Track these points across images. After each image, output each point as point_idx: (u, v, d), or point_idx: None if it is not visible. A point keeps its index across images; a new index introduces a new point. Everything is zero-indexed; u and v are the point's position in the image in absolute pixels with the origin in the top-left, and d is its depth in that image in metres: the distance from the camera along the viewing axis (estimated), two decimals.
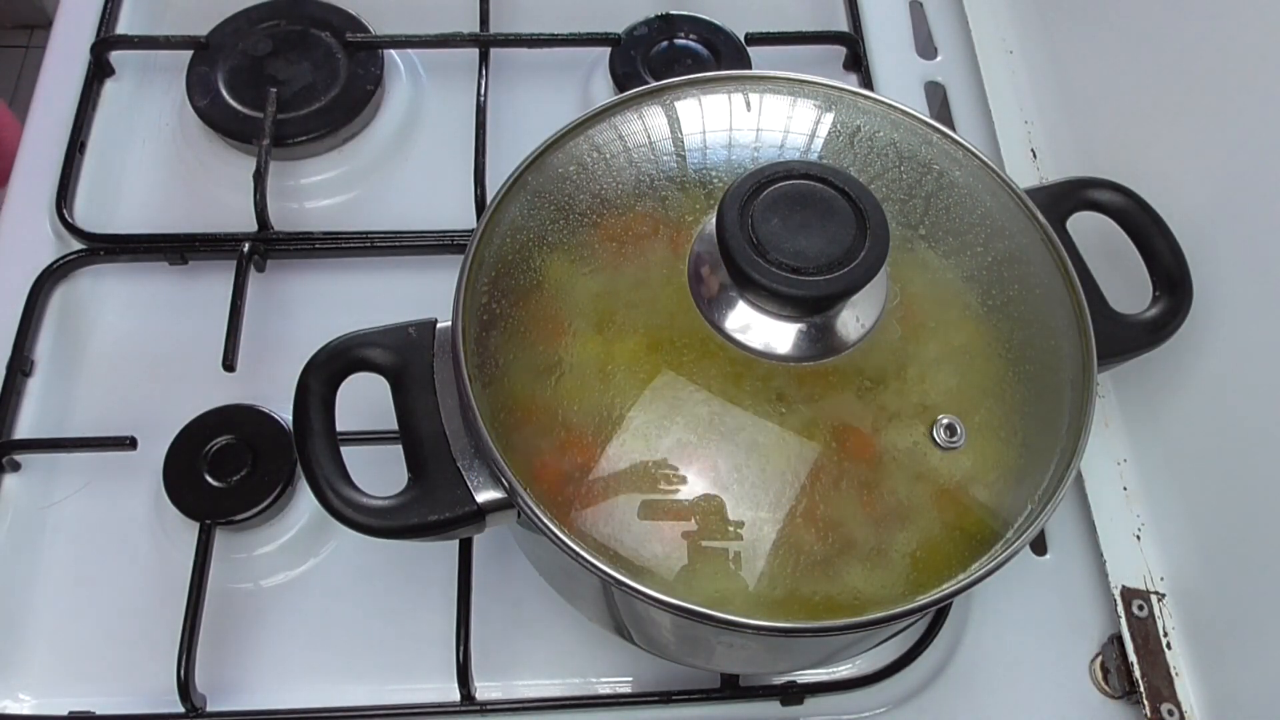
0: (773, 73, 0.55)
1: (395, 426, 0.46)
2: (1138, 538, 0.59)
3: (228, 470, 0.58)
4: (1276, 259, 0.50)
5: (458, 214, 0.67)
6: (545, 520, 0.42)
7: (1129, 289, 0.53)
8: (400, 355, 0.46)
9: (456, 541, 0.57)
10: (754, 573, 0.47)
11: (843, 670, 0.58)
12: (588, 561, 0.42)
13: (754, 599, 0.46)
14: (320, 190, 0.71)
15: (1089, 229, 0.54)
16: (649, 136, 0.55)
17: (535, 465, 0.50)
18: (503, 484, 0.43)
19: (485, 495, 0.44)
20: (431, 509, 0.43)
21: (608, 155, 0.54)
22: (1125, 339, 0.51)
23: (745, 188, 0.43)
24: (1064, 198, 0.54)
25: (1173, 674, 0.55)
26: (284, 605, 0.58)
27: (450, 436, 0.45)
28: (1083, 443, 0.45)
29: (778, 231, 0.42)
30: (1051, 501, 0.44)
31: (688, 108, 0.55)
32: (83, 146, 0.71)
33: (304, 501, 0.60)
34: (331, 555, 0.60)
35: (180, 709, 0.54)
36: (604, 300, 0.54)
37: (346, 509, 0.43)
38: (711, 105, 0.55)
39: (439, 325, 0.47)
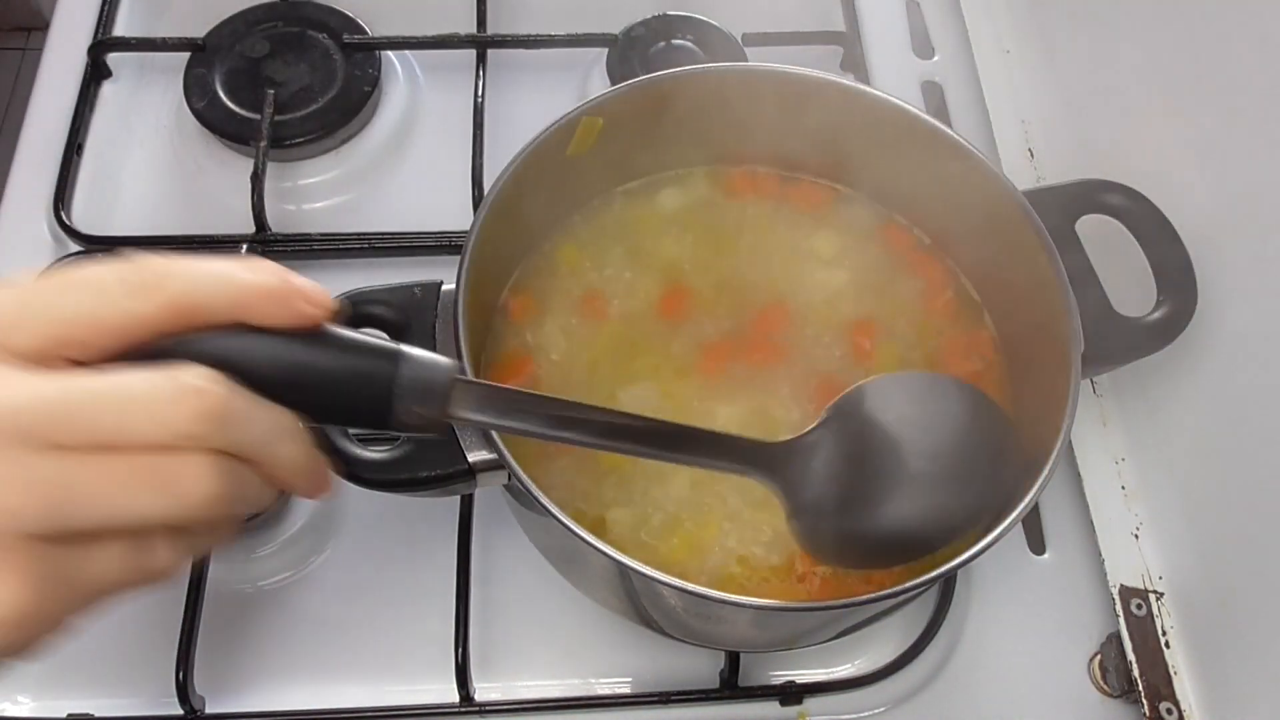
0: (770, 65, 0.56)
1: None
2: (1136, 537, 0.59)
3: None
4: (1275, 260, 0.50)
5: (455, 215, 0.67)
6: (530, 485, 0.43)
7: (1133, 291, 0.53)
8: (404, 313, 0.47)
9: (455, 543, 0.57)
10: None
11: (842, 670, 0.58)
12: (567, 527, 0.42)
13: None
14: (318, 191, 0.71)
15: (1095, 230, 0.54)
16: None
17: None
18: (494, 445, 0.44)
19: (477, 455, 0.45)
20: (424, 465, 0.44)
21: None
22: (1128, 342, 0.52)
23: None
24: (1074, 200, 0.54)
25: (1171, 673, 0.55)
26: (283, 606, 0.58)
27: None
28: (1070, 412, 0.46)
29: None
30: (1041, 478, 0.44)
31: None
32: (80, 149, 0.71)
33: (302, 503, 0.60)
34: (330, 557, 0.59)
35: (179, 710, 0.54)
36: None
37: (341, 461, 0.44)
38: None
39: (444, 287, 0.48)
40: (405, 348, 0.35)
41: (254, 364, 0.31)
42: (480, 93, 0.71)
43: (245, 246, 0.65)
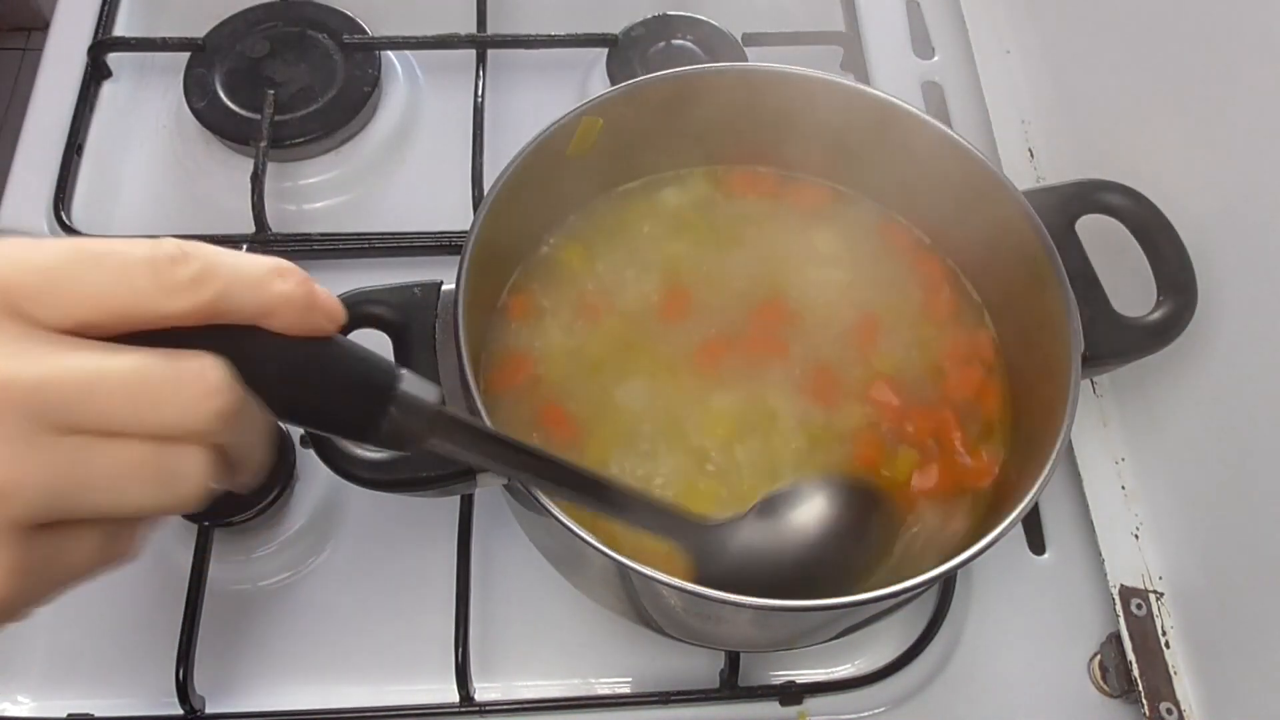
0: (770, 65, 0.56)
1: None
2: (1136, 537, 0.59)
3: None
4: (1275, 260, 0.50)
5: (455, 215, 0.67)
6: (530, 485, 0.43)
7: (1133, 291, 0.53)
8: (404, 313, 0.47)
9: (455, 543, 0.57)
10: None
11: (842, 670, 0.58)
12: (569, 528, 0.42)
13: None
14: (318, 192, 0.71)
15: (1095, 230, 0.54)
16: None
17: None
18: None
19: None
20: (424, 465, 0.44)
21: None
22: (1128, 342, 0.52)
23: None
24: (1074, 200, 0.54)
25: (1171, 673, 0.55)
26: (283, 606, 0.58)
27: (447, 395, 0.45)
28: (1070, 412, 0.46)
29: None
30: (1041, 478, 0.44)
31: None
32: (80, 149, 0.71)
33: (302, 503, 0.60)
34: (330, 556, 0.60)
35: (179, 710, 0.54)
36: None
37: (342, 461, 0.44)
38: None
39: (444, 287, 0.48)
40: (402, 369, 0.35)
41: (262, 365, 0.31)
42: (480, 93, 0.71)
43: (245, 246, 0.65)
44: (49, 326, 0.28)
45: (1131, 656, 0.56)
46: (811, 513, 0.48)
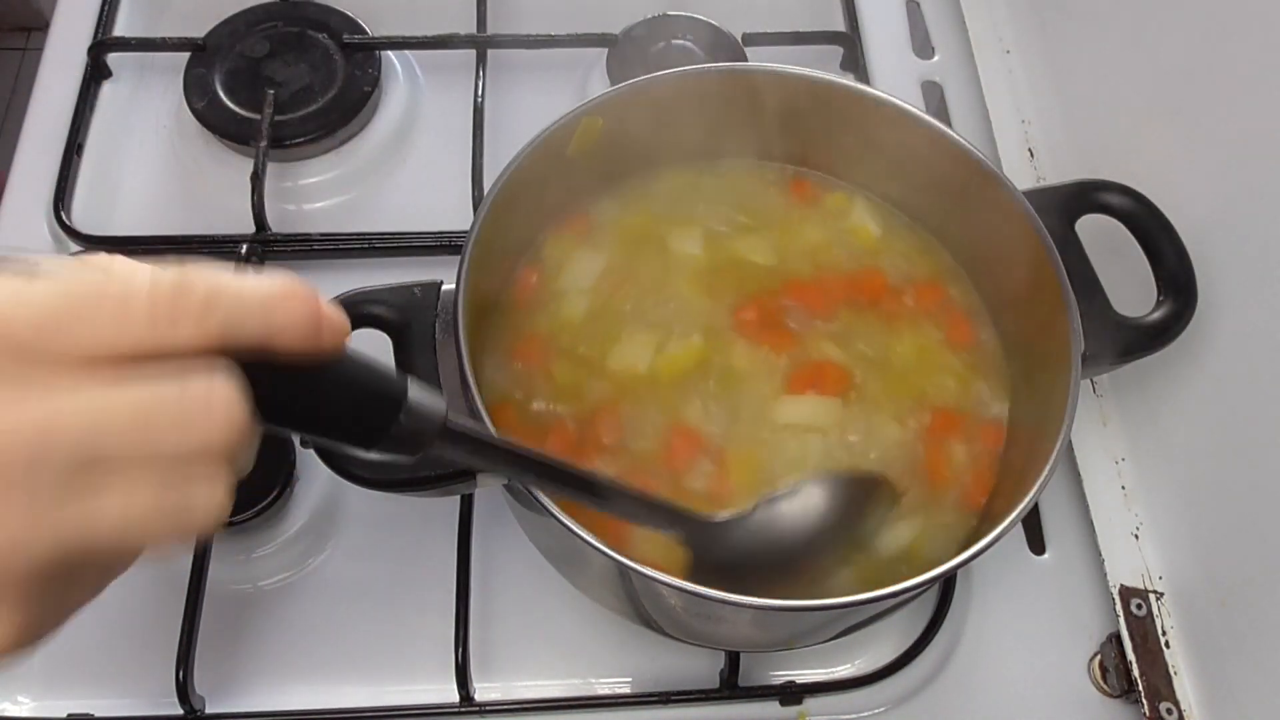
0: (768, 65, 0.56)
1: None
2: (1136, 537, 0.59)
3: None
4: (1275, 260, 0.50)
5: (455, 215, 0.67)
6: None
7: (1133, 291, 0.53)
8: (404, 314, 0.47)
9: (455, 543, 0.57)
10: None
11: (842, 670, 0.58)
12: (569, 528, 0.42)
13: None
14: (318, 191, 0.71)
15: (1095, 230, 0.54)
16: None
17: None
18: None
19: None
20: (424, 465, 0.44)
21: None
22: (1128, 342, 0.52)
23: None
24: (1074, 200, 0.54)
25: (1171, 673, 0.55)
26: (283, 607, 0.58)
27: (447, 396, 0.45)
28: (1070, 412, 0.46)
29: None
30: (1041, 478, 0.44)
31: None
32: (80, 148, 0.71)
33: (302, 503, 0.60)
34: (330, 557, 0.60)
35: (179, 710, 0.54)
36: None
37: (342, 461, 0.45)
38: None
39: (444, 287, 0.48)
40: (408, 377, 0.34)
41: (271, 388, 0.30)
42: (480, 93, 0.71)
43: (245, 246, 0.65)
44: (51, 363, 0.27)
45: (1131, 656, 0.56)
46: (810, 507, 0.49)
